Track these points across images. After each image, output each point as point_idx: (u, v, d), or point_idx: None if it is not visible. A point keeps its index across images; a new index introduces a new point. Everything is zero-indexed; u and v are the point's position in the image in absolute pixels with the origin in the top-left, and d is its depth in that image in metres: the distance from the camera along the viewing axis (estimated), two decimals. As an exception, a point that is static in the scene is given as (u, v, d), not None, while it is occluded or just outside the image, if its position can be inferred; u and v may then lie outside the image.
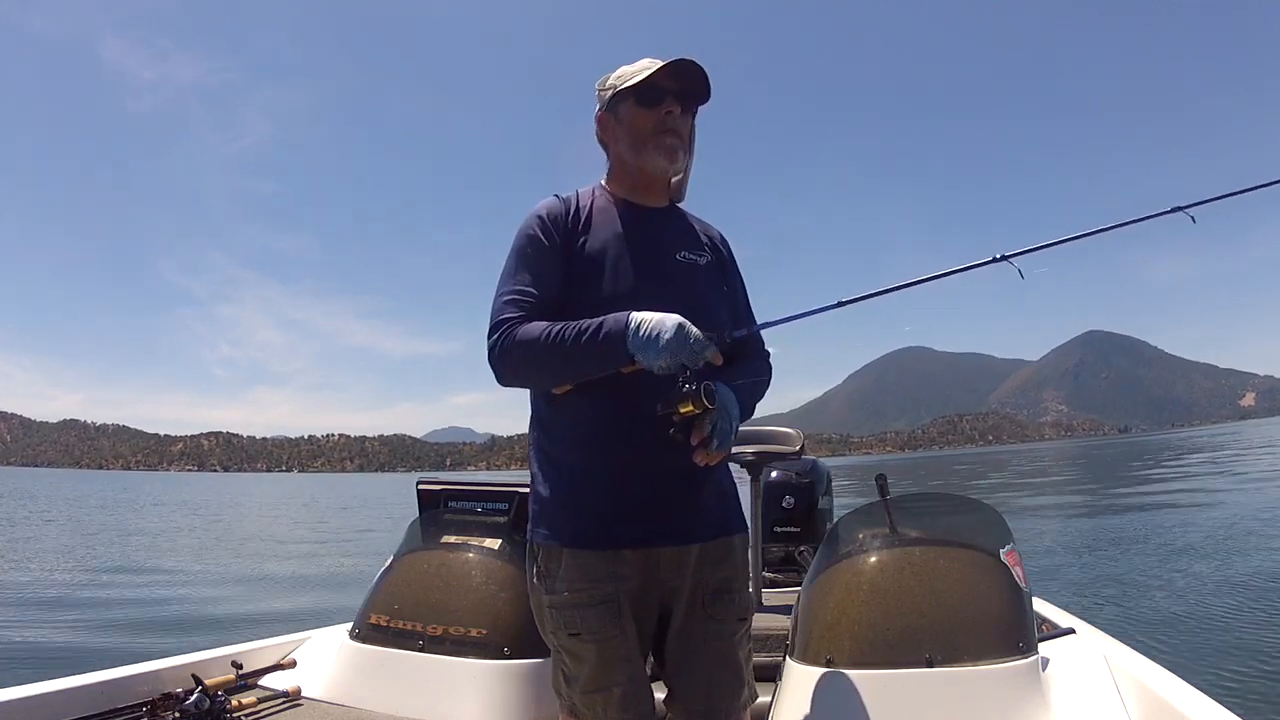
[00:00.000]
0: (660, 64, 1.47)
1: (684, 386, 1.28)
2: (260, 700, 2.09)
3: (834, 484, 4.07)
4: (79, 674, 2.02)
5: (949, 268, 1.49)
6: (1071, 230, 1.56)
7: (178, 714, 1.92)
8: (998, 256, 1.47)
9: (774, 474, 3.81)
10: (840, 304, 1.44)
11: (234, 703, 2.02)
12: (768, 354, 1.65)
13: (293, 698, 2.11)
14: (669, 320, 1.30)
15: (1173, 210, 1.55)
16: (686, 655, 1.49)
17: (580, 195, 1.56)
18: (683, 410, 1.28)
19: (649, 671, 1.48)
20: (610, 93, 1.53)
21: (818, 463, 4.03)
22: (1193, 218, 1.55)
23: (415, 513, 2.51)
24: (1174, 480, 22.14)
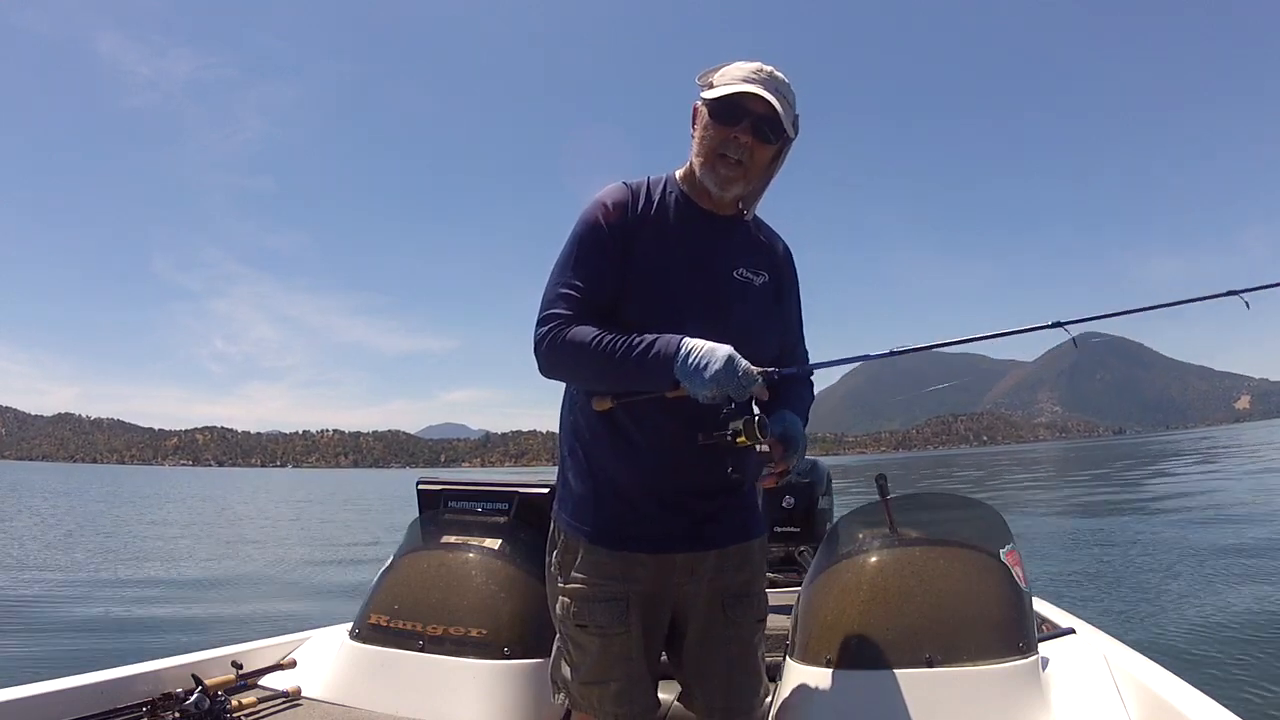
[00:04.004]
0: (746, 86, 1.38)
1: (729, 421, 1.32)
2: (260, 700, 2.09)
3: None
4: (79, 674, 2.01)
5: (1003, 329, 1.53)
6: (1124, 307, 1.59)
7: (178, 714, 1.91)
8: (1055, 323, 1.43)
9: None
10: (893, 353, 1.43)
11: (234, 703, 2.02)
12: (812, 384, 1.66)
13: (293, 698, 2.11)
14: (719, 351, 1.28)
15: (1227, 294, 1.55)
16: (707, 658, 1.52)
17: (650, 186, 1.50)
18: (738, 443, 1.32)
19: (661, 669, 1.52)
20: (703, 89, 1.44)
21: (818, 463, 4.03)
22: (1247, 303, 1.54)
23: (413, 509, 2.51)
24: (1170, 481, 22.14)
